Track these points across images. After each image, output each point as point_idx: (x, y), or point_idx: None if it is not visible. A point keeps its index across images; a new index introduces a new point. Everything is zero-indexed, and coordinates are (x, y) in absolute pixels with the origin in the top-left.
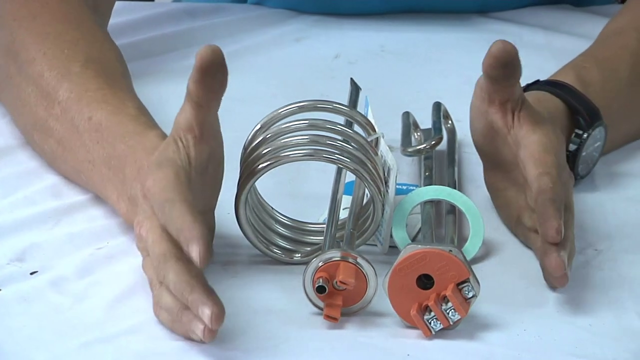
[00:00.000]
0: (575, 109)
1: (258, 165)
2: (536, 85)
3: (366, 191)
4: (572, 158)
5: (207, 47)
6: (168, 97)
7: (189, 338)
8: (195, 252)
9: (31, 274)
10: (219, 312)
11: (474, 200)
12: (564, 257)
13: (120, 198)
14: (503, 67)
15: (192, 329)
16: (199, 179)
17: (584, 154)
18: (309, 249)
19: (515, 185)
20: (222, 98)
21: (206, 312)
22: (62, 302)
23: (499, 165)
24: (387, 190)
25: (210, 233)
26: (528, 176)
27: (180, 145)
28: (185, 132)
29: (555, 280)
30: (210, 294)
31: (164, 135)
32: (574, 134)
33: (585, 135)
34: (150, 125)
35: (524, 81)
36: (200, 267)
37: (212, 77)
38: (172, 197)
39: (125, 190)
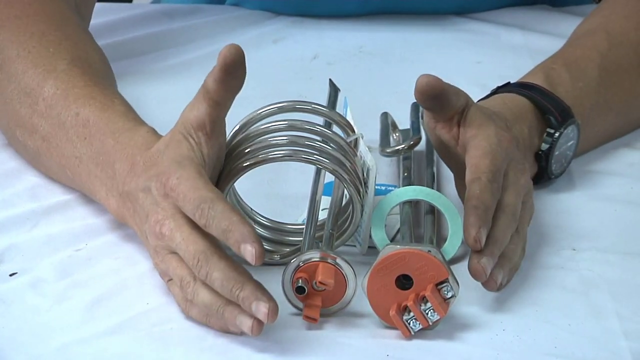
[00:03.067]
0: (545, 109)
1: (237, 166)
2: (506, 87)
3: (345, 192)
4: (545, 157)
5: (230, 47)
6: (146, 98)
7: (227, 331)
8: (250, 252)
9: (10, 275)
10: (275, 306)
11: (452, 201)
12: (484, 264)
13: (110, 194)
14: (432, 99)
15: (238, 323)
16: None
17: (557, 152)
18: (288, 249)
19: None
20: None
21: (262, 308)
22: (41, 304)
23: (462, 173)
24: (366, 191)
25: None
26: (466, 183)
27: (192, 142)
28: (196, 129)
29: (483, 284)
30: (263, 290)
31: (154, 132)
32: (545, 134)
33: (557, 134)
34: (140, 122)
35: (501, 80)
36: (255, 265)
37: (233, 76)
38: (209, 195)
39: (116, 186)
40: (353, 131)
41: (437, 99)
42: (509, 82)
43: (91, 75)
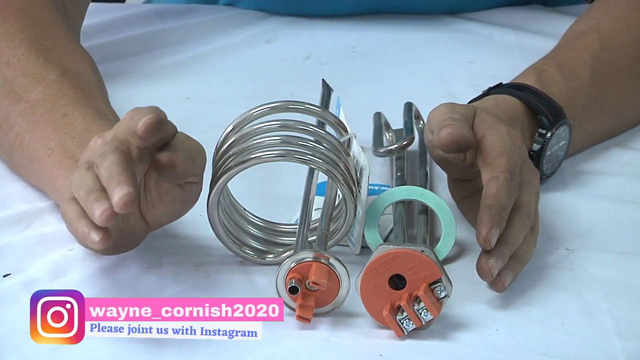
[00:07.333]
0: (537, 109)
1: (230, 167)
2: (498, 88)
3: (338, 192)
4: (537, 157)
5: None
6: (139, 98)
7: (84, 241)
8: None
9: (4, 276)
10: (131, 195)
11: (445, 200)
12: (492, 265)
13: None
14: (456, 152)
15: (95, 208)
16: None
17: (548, 153)
18: (281, 249)
19: (477, 191)
20: (193, 99)
21: (120, 192)
22: None
23: (459, 176)
24: (359, 191)
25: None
26: (483, 182)
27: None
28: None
29: (490, 284)
30: (135, 184)
31: None
32: (537, 134)
33: (548, 135)
34: None
35: (494, 80)
36: (141, 134)
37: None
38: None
39: None
40: (346, 131)
41: (461, 150)
42: (500, 83)
43: (82, 88)
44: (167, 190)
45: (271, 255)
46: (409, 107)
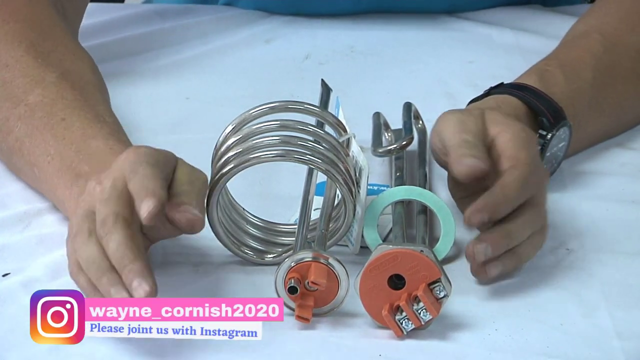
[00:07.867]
0: (538, 110)
1: (229, 166)
2: (499, 88)
3: (338, 192)
4: None
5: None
6: (138, 97)
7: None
8: (146, 207)
9: (3, 276)
10: (154, 293)
11: (444, 200)
12: (478, 250)
13: (74, 185)
14: (471, 181)
15: (112, 293)
16: None
17: (548, 154)
18: (280, 249)
19: (477, 191)
20: (192, 100)
21: (144, 287)
22: None
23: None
24: (358, 191)
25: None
26: (501, 172)
27: None
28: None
29: (472, 271)
30: (150, 272)
31: None
32: (538, 135)
33: (549, 136)
34: (130, 144)
35: (494, 80)
36: (145, 223)
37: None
38: (146, 161)
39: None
40: (345, 131)
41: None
42: (502, 83)
43: (81, 90)
44: (171, 222)
45: (270, 255)
46: (408, 107)
